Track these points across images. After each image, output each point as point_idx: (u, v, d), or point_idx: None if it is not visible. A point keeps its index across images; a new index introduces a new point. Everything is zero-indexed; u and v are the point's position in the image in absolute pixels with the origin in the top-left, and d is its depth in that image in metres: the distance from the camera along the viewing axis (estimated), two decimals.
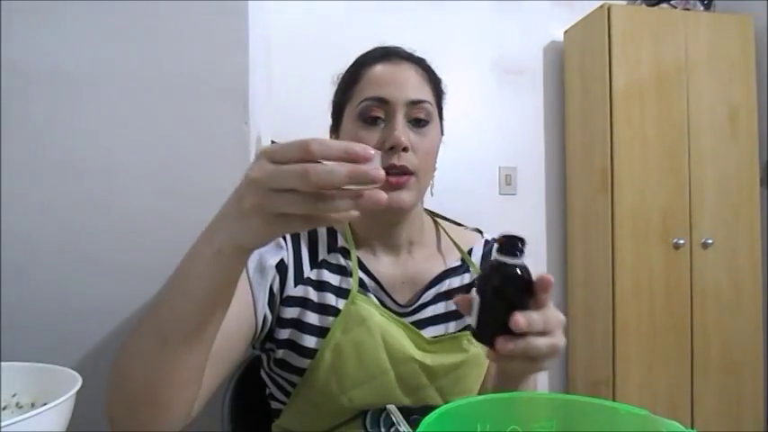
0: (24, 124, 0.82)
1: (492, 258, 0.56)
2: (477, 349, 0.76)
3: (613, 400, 0.54)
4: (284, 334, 0.74)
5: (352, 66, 0.82)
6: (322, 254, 0.79)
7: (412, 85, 0.76)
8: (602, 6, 2.32)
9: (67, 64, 0.83)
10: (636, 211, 2.26)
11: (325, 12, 2.31)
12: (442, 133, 0.83)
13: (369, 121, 0.75)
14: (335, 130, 0.83)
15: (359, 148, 0.43)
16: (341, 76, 0.83)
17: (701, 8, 2.48)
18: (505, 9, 2.55)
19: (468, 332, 0.77)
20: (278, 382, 0.78)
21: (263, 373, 0.82)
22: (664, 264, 2.27)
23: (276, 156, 0.45)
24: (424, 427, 0.40)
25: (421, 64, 0.81)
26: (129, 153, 0.85)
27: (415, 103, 0.75)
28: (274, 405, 0.81)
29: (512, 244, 0.54)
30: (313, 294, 0.75)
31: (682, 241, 2.28)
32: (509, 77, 2.56)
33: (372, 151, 0.44)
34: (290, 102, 1.89)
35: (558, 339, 0.55)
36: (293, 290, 0.75)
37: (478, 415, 0.46)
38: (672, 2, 2.46)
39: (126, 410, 0.56)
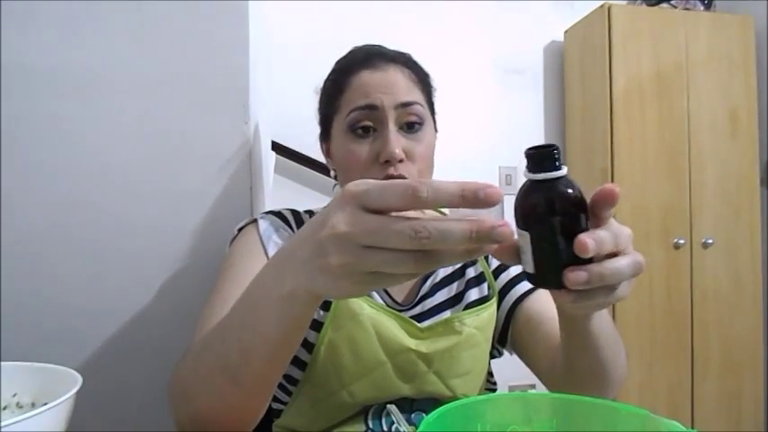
0: (24, 124, 0.82)
1: (526, 181, 0.44)
2: (470, 330, 0.75)
3: (613, 400, 0.53)
4: None
5: (334, 73, 0.79)
6: None
7: (400, 89, 0.74)
8: (602, 6, 2.33)
9: (67, 64, 0.83)
10: (636, 211, 2.26)
11: (326, 12, 2.31)
12: (436, 130, 0.81)
13: (359, 132, 0.73)
14: (326, 140, 0.81)
15: (480, 189, 0.35)
16: (324, 84, 0.81)
17: (701, 8, 2.48)
18: (506, 9, 2.55)
19: (460, 313, 0.77)
20: (279, 381, 0.78)
21: None
22: (664, 264, 2.27)
23: (370, 201, 0.37)
24: (423, 427, 0.40)
25: (406, 63, 0.78)
26: (130, 152, 0.85)
27: (406, 106, 0.73)
28: (274, 405, 0.81)
29: (545, 155, 0.42)
30: None
31: (682, 241, 2.28)
32: (509, 77, 2.56)
33: (498, 194, 0.35)
34: (290, 102, 1.89)
35: (638, 255, 0.45)
36: None
37: (478, 415, 0.46)
38: (672, 2, 2.46)
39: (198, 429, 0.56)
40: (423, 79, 0.79)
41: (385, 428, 0.73)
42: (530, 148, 0.43)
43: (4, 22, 0.80)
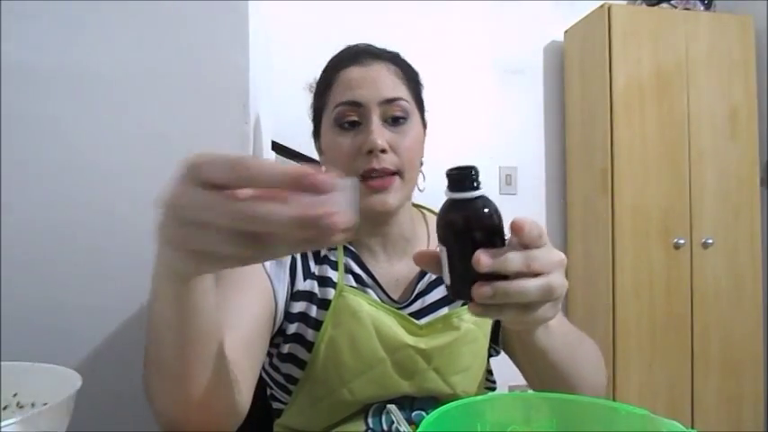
0: (24, 124, 0.82)
1: (445, 200, 0.47)
2: (468, 325, 0.76)
3: (613, 400, 0.53)
4: (292, 328, 0.75)
5: (324, 70, 0.81)
6: (323, 250, 0.80)
7: (385, 85, 0.75)
8: (602, 6, 2.32)
9: (67, 64, 0.83)
10: (636, 211, 2.26)
11: (326, 11, 2.31)
12: (425, 126, 0.82)
13: (345, 126, 0.74)
14: (317, 135, 0.83)
15: (306, 176, 0.32)
16: (316, 81, 0.82)
17: (701, 8, 2.48)
18: (505, 9, 2.55)
19: (458, 309, 0.77)
20: (279, 381, 0.78)
21: (263, 374, 0.83)
22: (664, 264, 2.27)
23: (201, 173, 0.34)
24: (423, 427, 0.41)
25: (394, 60, 0.79)
26: (129, 152, 0.85)
27: (390, 102, 0.74)
28: (275, 405, 0.81)
29: (463, 176, 0.46)
30: (317, 289, 0.76)
31: (682, 241, 2.28)
32: (509, 77, 2.56)
33: (335, 181, 0.32)
34: (291, 102, 1.89)
35: (553, 279, 0.45)
36: (302, 284, 0.76)
37: (478, 415, 0.46)
38: (672, 2, 2.46)
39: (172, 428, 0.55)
40: (410, 76, 0.80)
41: (385, 427, 0.73)
42: (450, 169, 0.46)
43: (4, 22, 0.80)
